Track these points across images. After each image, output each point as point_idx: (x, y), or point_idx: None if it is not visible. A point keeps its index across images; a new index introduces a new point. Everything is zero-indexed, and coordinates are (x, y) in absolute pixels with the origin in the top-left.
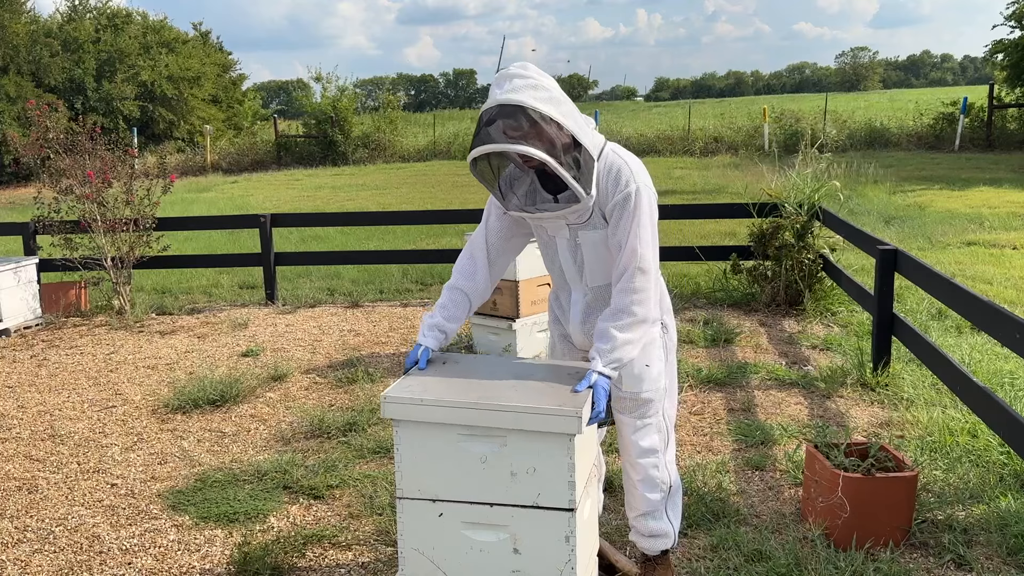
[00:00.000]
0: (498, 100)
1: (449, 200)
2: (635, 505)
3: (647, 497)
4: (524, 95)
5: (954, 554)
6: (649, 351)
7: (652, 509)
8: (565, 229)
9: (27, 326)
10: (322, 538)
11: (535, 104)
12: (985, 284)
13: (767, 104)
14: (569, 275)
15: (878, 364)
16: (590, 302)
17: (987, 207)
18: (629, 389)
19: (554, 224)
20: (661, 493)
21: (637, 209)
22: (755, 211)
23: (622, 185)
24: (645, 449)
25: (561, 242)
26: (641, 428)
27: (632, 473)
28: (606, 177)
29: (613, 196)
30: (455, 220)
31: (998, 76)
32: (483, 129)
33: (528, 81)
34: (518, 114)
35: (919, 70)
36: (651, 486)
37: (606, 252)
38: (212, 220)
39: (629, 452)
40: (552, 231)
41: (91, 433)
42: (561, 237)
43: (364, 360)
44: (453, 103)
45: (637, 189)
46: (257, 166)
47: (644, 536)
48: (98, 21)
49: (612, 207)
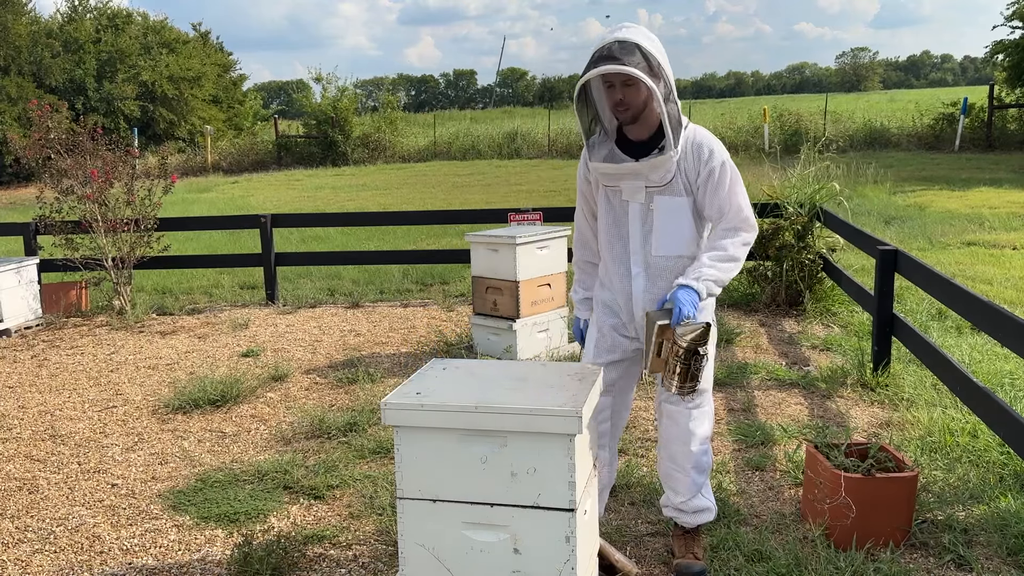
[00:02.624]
0: (616, 37)
1: (449, 200)
2: (681, 490)
3: (695, 480)
4: (639, 38)
5: (954, 554)
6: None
7: (696, 490)
8: (642, 192)
9: (28, 326)
10: (322, 538)
11: (649, 47)
12: (985, 284)
13: (767, 104)
14: (634, 244)
15: (878, 364)
16: (651, 274)
17: (987, 207)
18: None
19: (632, 186)
20: (705, 475)
21: (735, 176)
22: (755, 211)
23: (716, 155)
24: (701, 437)
25: (634, 207)
26: (697, 417)
27: (684, 461)
28: (694, 147)
29: (706, 165)
30: (455, 220)
31: (998, 76)
32: (601, 57)
33: (641, 30)
34: (635, 50)
35: (919, 70)
36: (701, 470)
37: (680, 221)
38: (213, 220)
39: (685, 441)
40: (627, 195)
41: (92, 433)
42: (635, 202)
43: (364, 360)
44: (453, 103)
45: (725, 159)
46: (257, 166)
47: (688, 514)
48: (98, 22)
49: (706, 176)
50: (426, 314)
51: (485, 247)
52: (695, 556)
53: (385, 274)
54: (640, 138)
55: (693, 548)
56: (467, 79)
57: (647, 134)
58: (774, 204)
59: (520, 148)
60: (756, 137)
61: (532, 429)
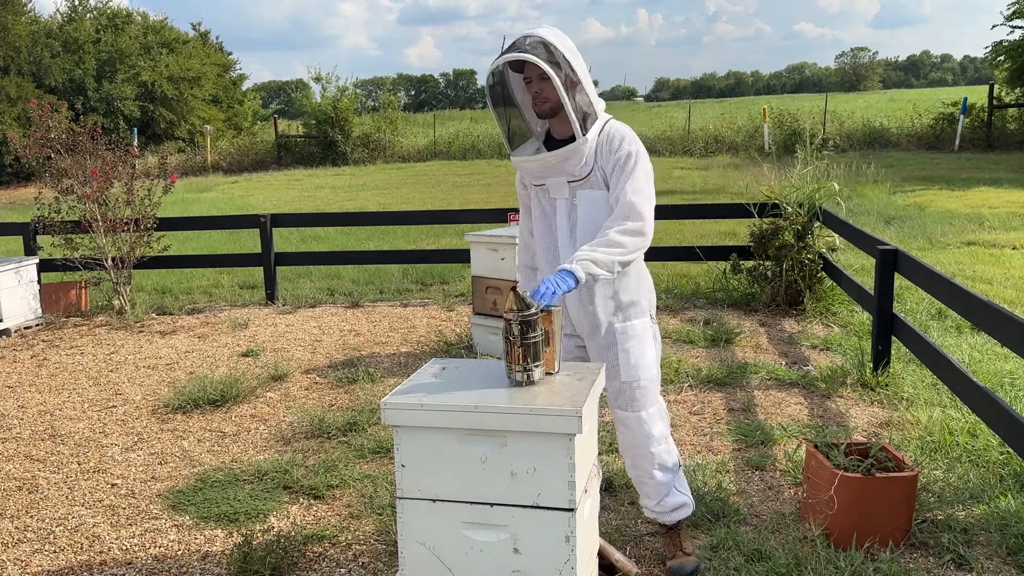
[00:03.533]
0: (524, 32)
1: (449, 200)
2: (651, 493)
3: (661, 481)
4: (544, 33)
5: (954, 554)
6: (643, 340)
7: (667, 490)
8: (566, 188)
9: (27, 326)
10: (322, 538)
11: (554, 41)
12: (985, 284)
13: (767, 104)
14: (561, 240)
15: (878, 364)
16: None
17: (987, 207)
18: (627, 379)
19: (556, 182)
20: (672, 472)
21: (636, 167)
22: (755, 211)
23: (625, 146)
24: (657, 437)
25: (560, 204)
26: (648, 420)
27: (646, 464)
28: (608, 140)
29: (615, 154)
30: (455, 220)
31: (998, 76)
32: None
33: (551, 29)
34: (539, 45)
35: (919, 70)
36: (664, 469)
37: (601, 214)
38: (212, 220)
39: (642, 444)
40: (554, 192)
41: (91, 433)
42: (561, 198)
43: (364, 360)
44: (453, 103)
45: (637, 151)
46: (257, 166)
47: (666, 513)
48: (98, 21)
49: (613, 164)
50: (426, 314)
51: (485, 247)
52: (684, 552)
53: (385, 274)
54: (564, 135)
55: (681, 544)
56: (467, 79)
57: (568, 132)
58: (773, 204)
59: None
60: (756, 137)
61: (532, 429)
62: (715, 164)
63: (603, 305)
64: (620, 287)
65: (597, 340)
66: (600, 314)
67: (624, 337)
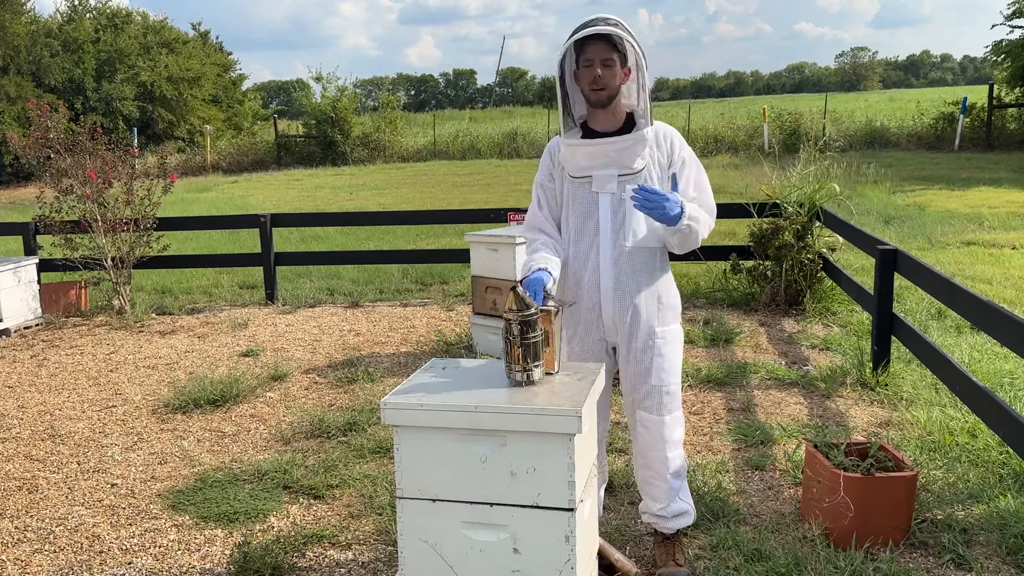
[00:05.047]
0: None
1: (449, 200)
2: (660, 496)
3: (673, 485)
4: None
5: (954, 554)
6: (677, 347)
7: (675, 495)
8: (614, 182)
9: (27, 326)
10: (322, 538)
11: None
12: (985, 284)
13: (767, 104)
14: (603, 235)
15: (878, 364)
16: (622, 266)
17: (987, 207)
18: (658, 383)
19: (603, 175)
20: (680, 479)
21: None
22: (755, 211)
23: (685, 147)
24: (676, 441)
25: (604, 199)
26: (670, 424)
27: (660, 467)
28: (664, 137)
29: (677, 153)
30: (455, 220)
31: (998, 76)
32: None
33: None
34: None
35: (919, 70)
36: (678, 474)
37: None
38: (212, 220)
39: (661, 447)
40: (597, 185)
41: (91, 433)
42: (606, 192)
43: (364, 360)
44: (453, 103)
45: (692, 153)
46: (257, 166)
47: (668, 519)
48: (98, 21)
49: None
50: (426, 314)
51: (485, 247)
52: (677, 563)
53: (385, 274)
54: (607, 129)
55: (675, 555)
56: (467, 79)
57: (614, 126)
58: (773, 204)
59: (520, 148)
60: (756, 137)
61: (532, 429)
62: (715, 164)
63: (646, 304)
64: (662, 288)
65: (635, 342)
66: (643, 312)
67: (663, 342)
